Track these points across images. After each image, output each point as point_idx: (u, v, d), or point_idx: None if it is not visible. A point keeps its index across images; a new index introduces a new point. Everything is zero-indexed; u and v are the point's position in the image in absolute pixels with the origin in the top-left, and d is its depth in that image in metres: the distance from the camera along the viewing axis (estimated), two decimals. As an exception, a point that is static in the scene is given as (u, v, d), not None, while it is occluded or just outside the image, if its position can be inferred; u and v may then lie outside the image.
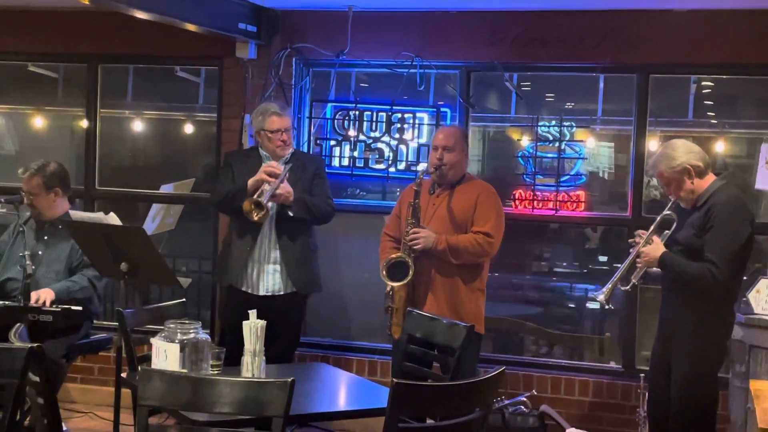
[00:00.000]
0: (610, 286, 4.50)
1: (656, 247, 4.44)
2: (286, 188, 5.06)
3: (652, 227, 4.52)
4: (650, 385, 4.71)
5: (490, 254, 4.93)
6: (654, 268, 4.51)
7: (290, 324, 5.24)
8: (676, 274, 4.42)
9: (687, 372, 4.42)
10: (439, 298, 4.85)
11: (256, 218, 4.94)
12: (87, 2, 4.84)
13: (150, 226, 6.50)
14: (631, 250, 4.55)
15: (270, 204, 5.00)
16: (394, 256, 4.86)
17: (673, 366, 4.48)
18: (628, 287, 4.59)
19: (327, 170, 5.92)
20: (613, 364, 5.85)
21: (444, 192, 4.98)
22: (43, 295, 5.01)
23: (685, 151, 4.44)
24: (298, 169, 5.27)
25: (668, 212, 4.51)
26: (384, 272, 4.86)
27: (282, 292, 5.21)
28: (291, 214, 5.12)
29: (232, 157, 5.46)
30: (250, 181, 5.10)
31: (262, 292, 5.18)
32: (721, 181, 4.47)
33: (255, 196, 4.97)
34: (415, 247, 4.80)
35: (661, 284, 4.65)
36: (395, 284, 4.82)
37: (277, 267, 5.20)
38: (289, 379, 2.88)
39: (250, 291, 5.21)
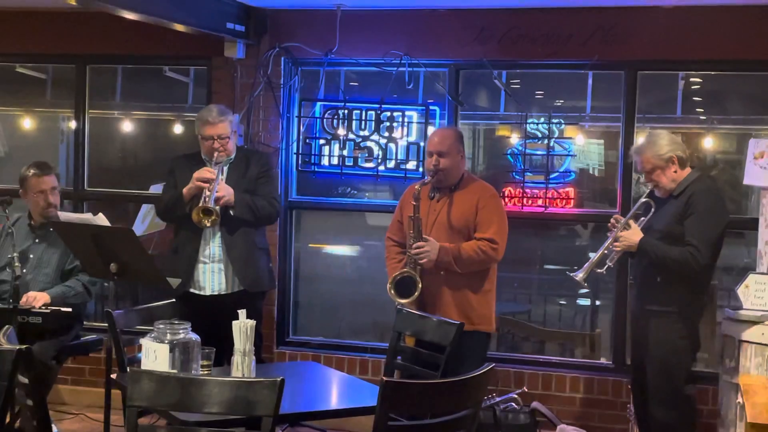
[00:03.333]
0: (587, 266, 4.73)
1: (634, 232, 4.64)
2: (224, 189, 5.03)
3: (630, 213, 4.76)
4: (633, 376, 4.89)
5: (496, 260, 4.84)
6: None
7: None
8: (656, 258, 4.58)
9: (663, 361, 4.60)
10: (449, 310, 4.74)
11: (208, 224, 4.96)
12: (74, 3, 4.82)
13: (140, 226, 6.49)
14: (608, 234, 4.75)
15: (217, 207, 4.98)
16: (401, 272, 4.79)
17: (651, 353, 4.64)
18: (603, 270, 4.77)
19: (317, 169, 5.93)
20: (603, 361, 5.87)
21: (444, 197, 4.88)
22: (39, 298, 5.00)
23: (670, 141, 4.69)
24: (241, 167, 5.24)
25: (646, 199, 4.75)
26: (392, 290, 4.81)
27: (228, 291, 5.17)
28: (232, 213, 5.09)
29: (175, 164, 5.38)
30: (185, 190, 5.08)
31: (208, 292, 5.16)
32: (697, 172, 4.72)
33: (201, 203, 4.94)
34: (420, 261, 4.74)
35: (633, 274, 4.78)
36: (403, 301, 4.76)
37: (222, 266, 5.17)
38: (279, 378, 2.88)
39: (197, 292, 5.18)
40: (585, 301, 6.38)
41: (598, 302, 6.33)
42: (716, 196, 4.69)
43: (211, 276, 5.17)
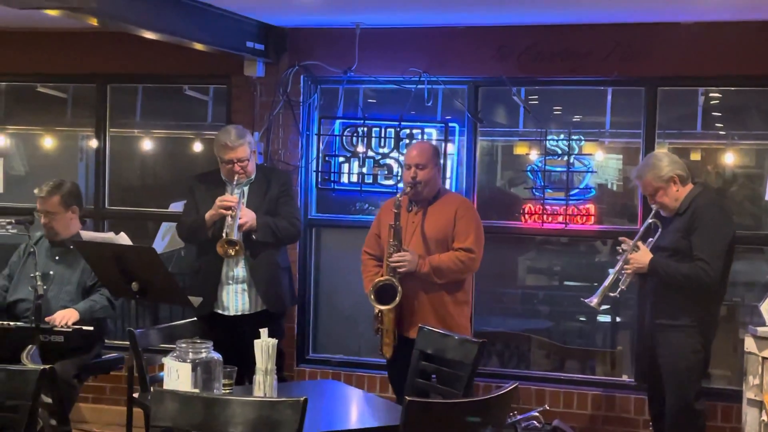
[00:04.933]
0: (600, 292, 4.77)
1: (644, 253, 4.68)
2: (247, 215, 5.03)
3: (638, 234, 4.79)
4: (648, 391, 4.96)
5: (473, 269, 4.99)
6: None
7: None
8: (667, 276, 4.61)
9: (679, 374, 4.64)
10: (427, 315, 4.88)
11: (233, 254, 4.96)
12: (95, 23, 4.85)
13: (160, 244, 6.50)
14: (618, 257, 4.78)
15: (239, 236, 4.98)
16: (381, 279, 4.88)
17: (664, 368, 4.68)
18: (617, 293, 4.80)
19: (336, 186, 5.94)
20: (625, 378, 5.83)
21: (421, 209, 5.00)
22: (67, 316, 5.02)
23: (670, 161, 4.75)
24: (262, 187, 5.23)
25: (652, 220, 4.79)
26: (372, 296, 4.88)
27: (252, 311, 5.17)
28: (255, 237, 5.09)
29: (195, 183, 5.38)
30: (207, 216, 5.08)
31: (232, 313, 5.17)
32: (699, 188, 4.76)
33: (224, 236, 4.93)
34: (399, 270, 4.83)
35: (647, 290, 4.80)
36: (384, 308, 4.84)
37: (245, 286, 5.17)
38: (302, 398, 2.87)
39: (222, 312, 5.18)
40: (605, 318, 6.34)
41: (618, 318, 6.29)
42: (720, 209, 4.72)
43: (235, 296, 5.18)
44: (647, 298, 4.89)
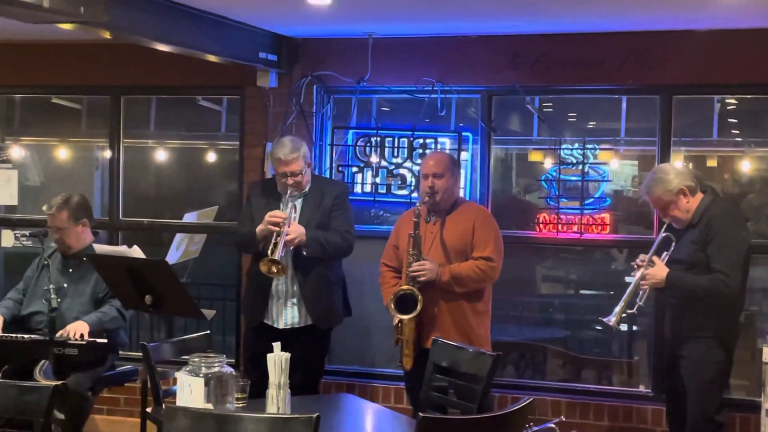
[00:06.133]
0: (618, 310, 4.64)
1: (660, 268, 4.58)
2: (295, 231, 4.98)
3: (652, 249, 4.68)
4: (668, 403, 4.88)
5: (493, 278, 4.95)
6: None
7: (311, 356, 5.16)
8: (686, 290, 4.55)
9: (701, 386, 4.56)
10: (447, 326, 4.85)
11: (276, 273, 4.91)
12: (109, 36, 4.86)
13: (174, 254, 6.51)
14: (633, 274, 4.69)
15: (285, 254, 4.95)
16: (401, 288, 4.84)
17: (686, 380, 4.60)
18: (634, 310, 4.70)
19: (350, 196, 5.90)
20: (642, 389, 5.79)
21: (439, 219, 4.97)
22: (79, 329, 5.03)
23: (676, 173, 4.65)
24: (317, 198, 5.20)
25: (666, 233, 4.67)
26: (392, 306, 4.84)
27: (301, 325, 5.16)
28: (305, 253, 5.05)
29: (252, 191, 5.40)
30: (258, 230, 5.06)
31: (281, 326, 5.15)
32: (710, 196, 4.65)
33: (269, 255, 4.89)
34: (420, 279, 4.80)
35: (666, 303, 4.78)
36: (404, 317, 4.80)
37: (295, 301, 5.15)
38: (314, 415, 2.86)
39: (270, 324, 5.18)
40: (622, 327, 6.29)
41: (635, 328, 6.25)
42: (734, 218, 4.64)
43: (284, 310, 5.16)
44: (666, 312, 4.83)
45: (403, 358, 4.88)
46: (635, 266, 4.69)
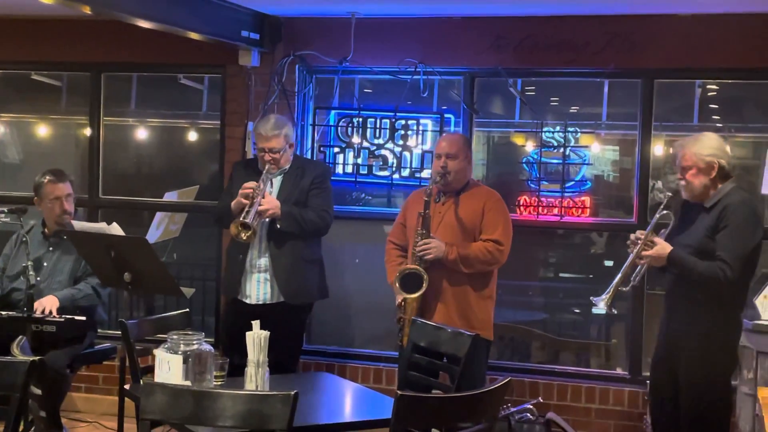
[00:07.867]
0: (611, 290, 4.49)
1: (662, 246, 4.40)
2: (270, 203, 5.01)
3: (649, 227, 4.51)
4: (654, 393, 4.66)
5: (501, 262, 4.93)
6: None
7: (286, 334, 5.08)
8: (684, 270, 4.36)
9: (699, 381, 4.39)
10: (449, 308, 4.85)
11: (244, 238, 4.93)
12: (89, 11, 4.82)
13: (154, 233, 6.48)
14: (629, 251, 4.50)
15: (256, 222, 4.96)
16: (407, 267, 4.83)
17: (683, 374, 4.44)
18: (628, 288, 4.56)
19: (331, 177, 5.89)
20: (619, 371, 5.82)
21: (449, 200, 4.97)
22: (48, 304, 5.01)
23: (717, 146, 4.44)
24: (296, 177, 5.22)
25: (665, 211, 4.51)
26: (397, 284, 4.83)
27: (272, 302, 5.16)
28: (279, 226, 5.08)
29: (235, 169, 5.44)
30: (233, 203, 5.07)
31: (254, 302, 5.16)
32: (732, 183, 4.45)
33: (240, 218, 4.92)
34: (426, 258, 4.78)
35: (665, 293, 4.64)
36: (409, 296, 4.79)
37: (267, 276, 5.16)
38: (293, 392, 2.86)
39: (245, 300, 5.19)
40: (600, 311, 6.32)
41: (614, 311, 6.26)
42: (750, 209, 4.39)
43: (257, 285, 5.17)
44: (666, 300, 4.63)
45: (404, 337, 4.82)
46: (630, 244, 4.51)
